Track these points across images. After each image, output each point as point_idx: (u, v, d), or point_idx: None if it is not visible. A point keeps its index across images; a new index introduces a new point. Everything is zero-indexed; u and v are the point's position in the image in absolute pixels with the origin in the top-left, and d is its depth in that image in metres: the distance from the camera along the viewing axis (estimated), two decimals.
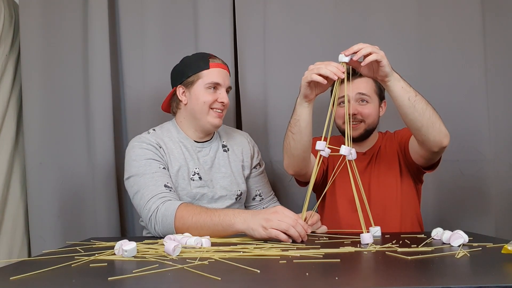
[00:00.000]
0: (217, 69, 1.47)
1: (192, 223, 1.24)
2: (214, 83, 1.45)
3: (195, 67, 1.47)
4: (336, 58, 1.26)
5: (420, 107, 1.28)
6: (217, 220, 1.22)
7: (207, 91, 1.45)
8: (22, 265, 0.98)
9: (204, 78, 1.45)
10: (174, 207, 1.27)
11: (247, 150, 1.60)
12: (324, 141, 1.23)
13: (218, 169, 1.51)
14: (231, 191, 1.50)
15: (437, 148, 1.34)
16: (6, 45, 1.80)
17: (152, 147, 1.42)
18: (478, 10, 1.82)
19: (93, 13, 1.79)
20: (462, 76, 1.83)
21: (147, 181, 1.35)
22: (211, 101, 1.45)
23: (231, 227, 1.20)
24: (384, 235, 1.25)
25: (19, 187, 1.82)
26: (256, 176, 1.62)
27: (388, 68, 1.23)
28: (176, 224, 1.25)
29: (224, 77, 1.48)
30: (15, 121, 1.83)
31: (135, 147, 1.43)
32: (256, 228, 1.15)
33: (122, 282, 0.79)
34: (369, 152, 1.59)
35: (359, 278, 0.85)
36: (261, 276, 0.81)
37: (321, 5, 1.86)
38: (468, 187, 1.80)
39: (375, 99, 1.55)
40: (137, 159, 1.40)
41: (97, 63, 1.79)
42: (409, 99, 1.27)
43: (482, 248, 1.02)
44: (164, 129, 1.52)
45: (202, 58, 1.49)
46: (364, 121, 1.52)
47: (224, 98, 1.46)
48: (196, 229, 1.23)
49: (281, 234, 1.12)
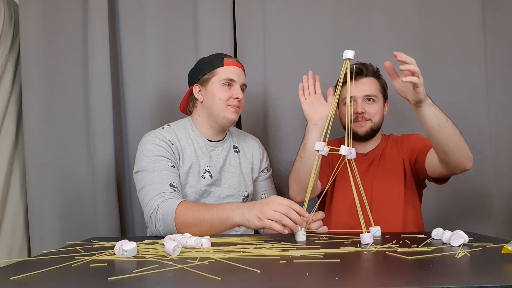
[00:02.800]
0: (232, 66, 1.50)
1: (192, 219, 1.25)
2: (228, 79, 1.48)
3: (210, 65, 1.50)
4: (335, 58, 1.26)
5: (448, 132, 1.27)
6: (215, 215, 1.23)
7: (222, 88, 1.47)
8: (22, 265, 0.98)
9: (219, 75, 1.48)
10: (174, 205, 1.28)
11: (257, 153, 1.63)
12: (323, 142, 1.23)
13: (228, 168, 1.53)
14: (239, 191, 1.52)
15: (459, 171, 1.36)
16: (6, 45, 1.80)
17: (164, 144, 1.43)
18: (478, 10, 1.82)
19: (93, 13, 1.79)
20: (463, 76, 1.83)
21: (154, 178, 1.36)
22: (226, 97, 1.47)
23: (229, 220, 1.22)
24: (384, 235, 1.25)
25: (19, 187, 1.82)
26: (264, 180, 1.63)
27: (423, 95, 1.21)
28: (176, 221, 1.26)
29: (238, 74, 1.50)
30: (15, 121, 1.83)
31: (148, 142, 1.44)
32: (252, 219, 1.17)
33: (122, 282, 0.79)
34: (371, 154, 1.59)
35: (359, 278, 0.85)
36: (261, 276, 0.81)
37: (321, 5, 1.86)
38: (468, 187, 1.79)
39: (380, 99, 1.58)
40: (148, 154, 1.41)
41: (97, 63, 1.79)
42: (439, 125, 1.26)
43: (482, 248, 1.02)
44: (180, 126, 1.53)
45: (217, 57, 1.52)
46: (370, 119, 1.54)
47: (239, 94, 1.48)
48: (196, 225, 1.24)
49: (274, 224, 1.13)
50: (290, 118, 1.86)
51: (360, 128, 1.54)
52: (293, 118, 1.86)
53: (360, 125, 1.54)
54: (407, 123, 1.82)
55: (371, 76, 1.57)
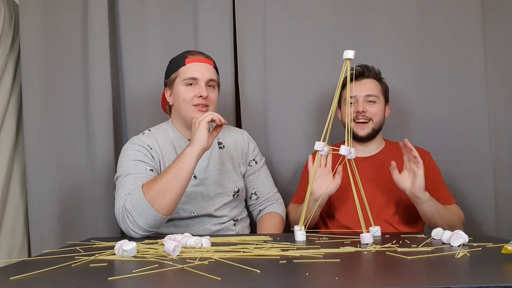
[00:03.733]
0: (193, 63, 1.45)
1: (161, 185, 1.25)
2: (189, 78, 1.43)
3: (174, 66, 1.47)
4: (335, 58, 1.26)
5: (441, 217, 1.42)
6: (174, 165, 1.27)
7: (185, 88, 1.44)
8: (22, 265, 0.98)
9: (181, 75, 1.44)
10: (138, 190, 1.27)
11: (242, 147, 1.58)
12: (323, 142, 1.24)
13: (213, 166, 1.50)
14: (228, 188, 1.50)
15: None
16: (6, 45, 1.80)
17: (143, 149, 1.42)
18: (478, 10, 1.82)
19: (93, 13, 1.79)
20: (462, 76, 1.83)
21: (128, 180, 1.33)
22: (190, 97, 1.43)
23: (186, 156, 1.27)
24: (384, 235, 1.25)
25: (19, 187, 1.82)
26: (252, 174, 1.60)
27: (422, 193, 1.37)
28: (148, 198, 1.24)
29: (203, 71, 1.44)
30: (15, 121, 1.83)
31: (127, 149, 1.44)
32: (195, 134, 1.28)
33: (122, 282, 0.79)
34: (373, 160, 1.58)
35: (359, 278, 0.85)
36: (261, 276, 0.81)
37: (321, 5, 1.86)
38: (468, 187, 1.79)
39: (382, 99, 1.59)
40: (126, 159, 1.40)
41: (97, 63, 1.79)
42: (433, 215, 1.41)
43: (482, 248, 1.02)
44: (160, 130, 1.52)
45: (181, 56, 1.48)
46: (372, 119, 1.55)
47: (202, 91, 1.41)
48: (168, 186, 1.25)
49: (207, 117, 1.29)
50: (290, 117, 1.86)
51: (361, 131, 1.55)
52: (293, 118, 1.86)
53: (362, 128, 1.55)
54: (402, 128, 1.83)
55: (372, 77, 1.59)
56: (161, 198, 1.25)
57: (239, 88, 1.89)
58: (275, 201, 1.61)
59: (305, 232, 1.22)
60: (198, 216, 1.45)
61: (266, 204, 1.60)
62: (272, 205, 1.59)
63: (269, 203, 1.60)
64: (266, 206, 1.60)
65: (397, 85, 1.82)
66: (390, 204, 1.51)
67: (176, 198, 1.27)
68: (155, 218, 1.25)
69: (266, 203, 1.60)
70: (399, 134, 1.80)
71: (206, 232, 1.44)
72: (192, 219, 1.45)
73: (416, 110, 1.84)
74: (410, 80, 1.85)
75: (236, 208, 1.53)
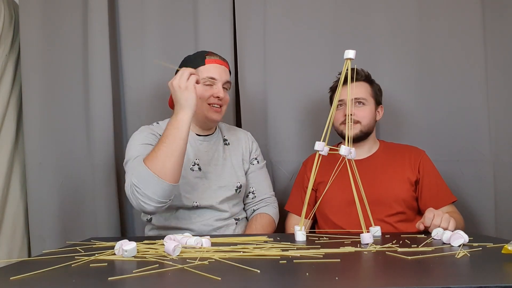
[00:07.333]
0: (213, 64, 1.49)
1: (160, 154, 1.26)
2: (209, 78, 1.47)
3: (192, 64, 1.49)
4: (335, 58, 1.26)
5: None
6: (169, 132, 1.28)
7: (203, 87, 1.47)
8: (22, 265, 0.98)
9: (200, 74, 1.47)
10: (140, 164, 1.28)
11: (246, 145, 1.63)
12: (323, 142, 1.24)
13: (218, 160, 1.54)
14: (231, 182, 1.52)
15: None
16: (6, 45, 1.80)
17: (151, 135, 1.45)
18: (478, 9, 1.82)
19: (93, 13, 1.79)
20: (463, 76, 1.83)
21: (138, 163, 1.32)
22: (207, 97, 1.47)
23: (180, 122, 1.28)
24: (384, 235, 1.25)
25: (19, 187, 1.82)
26: (252, 172, 1.62)
27: None
28: (151, 168, 1.25)
29: (220, 72, 1.49)
30: (15, 121, 1.83)
31: (136, 135, 1.47)
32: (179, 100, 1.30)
33: (122, 282, 0.79)
34: (366, 162, 1.59)
35: (359, 278, 0.85)
36: (261, 276, 0.81)
37: (321, 6, 1.86)
38: (468, 187, 1.79)
39: (371, 102, 1.59)
40: (135, 143, 1.42)
41: (97, 63, 1.79)
42: None
43: (482, 248, 1.02)
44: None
45: (200, 55, 1.52)
46: (359, 122, 1.56)
47: (220, 92, 1.47)
48: (167, 154, 1.26)
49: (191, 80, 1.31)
50: (290, 117, 1.86)
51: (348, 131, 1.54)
52: (293, 117, 1.86)
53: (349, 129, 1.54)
54: (402, 128, 1.83)
55: (361, 80, 1.59)
56: (163, 166, 1.25)
57: (239, 88, 1.89)
58: (270, 204, 1.62)
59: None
60: (200, 207, 1.46)
61: (261, 205, 1.61)
62: (266, 207, 1.60)
63: (264, 204, 1.61)
64: (261, 207, 1.60)
65: (397, 85, 1.82)
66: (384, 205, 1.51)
67: (178, 163, 1.28)
68: (162, 186, 1.25)
69: (261, 204, 1.61)
70: (400, 134, 1.81)
71: (208, 227, 1.45)
72: (194, 211, 1.46)
73: (416, 110, 1.84)
74: (410, 80, 1.85)
75: (237, 205, 1.55)
